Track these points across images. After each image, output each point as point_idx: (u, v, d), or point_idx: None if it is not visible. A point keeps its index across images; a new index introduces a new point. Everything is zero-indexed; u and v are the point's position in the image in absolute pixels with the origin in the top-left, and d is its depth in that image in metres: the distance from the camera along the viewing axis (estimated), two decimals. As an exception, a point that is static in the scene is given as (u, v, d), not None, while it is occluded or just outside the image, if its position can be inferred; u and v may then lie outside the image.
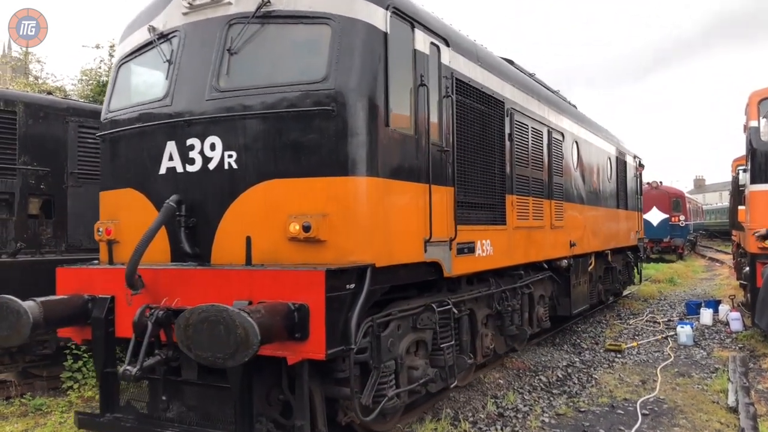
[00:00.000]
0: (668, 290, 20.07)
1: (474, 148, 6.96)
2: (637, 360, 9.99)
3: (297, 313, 4.61)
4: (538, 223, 8.89)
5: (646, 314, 14.87)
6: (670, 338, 11.59)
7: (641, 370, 9.24)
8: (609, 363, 9.78)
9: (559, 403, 7.53)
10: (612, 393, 8.01)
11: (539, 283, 9.50)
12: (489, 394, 7.87)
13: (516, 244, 8.02)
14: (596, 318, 14.29)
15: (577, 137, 11.30)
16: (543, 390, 8.19)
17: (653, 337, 11.84)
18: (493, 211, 7.44)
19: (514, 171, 8.03)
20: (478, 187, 7.03)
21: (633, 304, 16.84)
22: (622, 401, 7.64)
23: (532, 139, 8.81)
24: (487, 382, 8.36)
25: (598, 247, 12.52)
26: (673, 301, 17.28)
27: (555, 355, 10.25)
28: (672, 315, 14.61)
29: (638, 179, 17.58)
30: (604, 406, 7.46)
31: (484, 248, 7.06)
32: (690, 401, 7.58)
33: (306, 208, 5.06)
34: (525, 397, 7.82)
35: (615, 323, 13.75)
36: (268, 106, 5.19)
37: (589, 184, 11.87)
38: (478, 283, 7.58)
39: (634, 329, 12.92)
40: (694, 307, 14.26)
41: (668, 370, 9.24)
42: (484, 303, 7.68)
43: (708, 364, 9.54)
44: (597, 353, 10.52)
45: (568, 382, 8.57)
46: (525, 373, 8.98)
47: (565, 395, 7.94)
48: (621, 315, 15.01)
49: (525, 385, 8.41)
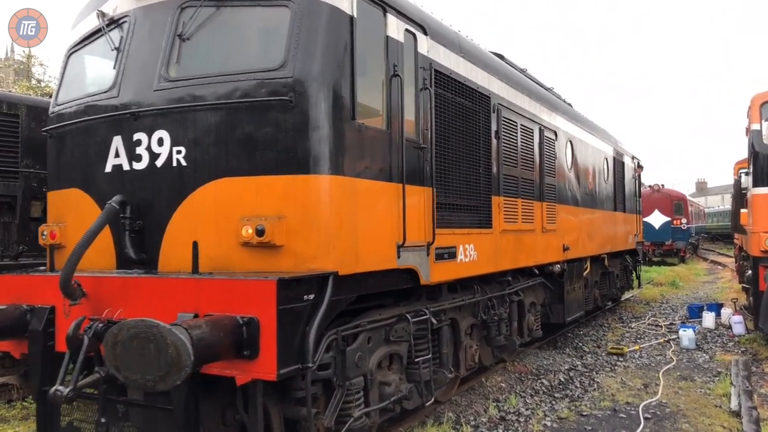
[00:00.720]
0: (670, 293, 19.95)
1: (456, 146, 6.41)
2: (639, 363, 9.83)
3: (245, 327, 4.07)
4: (528, 226, 8.33)
5: (648, 317, 14.67)
6: (673, 342, 11.44)
7: (643, 374, 9.10)
8: (611, 366, 9.65)
9: (561, 407, 7.44)
10: (614, 397, 7.90)
11: (530, 289, 8.94)
12: (491, 397, 7.78)
13: (503, 248, 7.47)
14: (598, 321, 14.09)
15: (571, 136, 10.72)
16: (545, 394, 8.09)
17: (655, 341, 11.67)
18: (478, 214, 6.89)
19: (501, 171, 7.47)
20: (461, 187, 6.48)
21: (635, 307, 16.61)
22: (625, 405, 7.54)
23: (521, 138, 8.25)
24: (489, 386, 8.26)
25: (594, 251, 11.94)
26: (675, 305, 17.06)
27: (557, 359, 10.10)
28: (674, 318, 14.43)
29: (637, 181, 16.94)
30: (606, 409, 7.35)
31: (467, 253, 6.51)
32: (693, 405, 7.47)
33: (261, 209, 4.53)
34: (527, 400, 7.74)
35: (617, 326, 13.55)
36: (219, 97, 4.65)
37: (584, 186, 11.30)
38: (462, 290, 7.04)
39: (636, 332, 12.75)
40: (697, 310, 14.08)
41: (671, 373, 9.10)
42: (468, 312, 7.13)
43: (710, 368, 9.39)
44: (599, 357, 10.39)
45: (570, 386, 8.47)
46: (527, 376, 8.89)
47: (567, 399, 7.84)
48: (623, 318, 14.77)
49: (527, 388, 8.31)
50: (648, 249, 31.73)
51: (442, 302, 6.39)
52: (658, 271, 27.02)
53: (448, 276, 6.20)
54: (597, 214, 12.13)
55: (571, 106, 12.23)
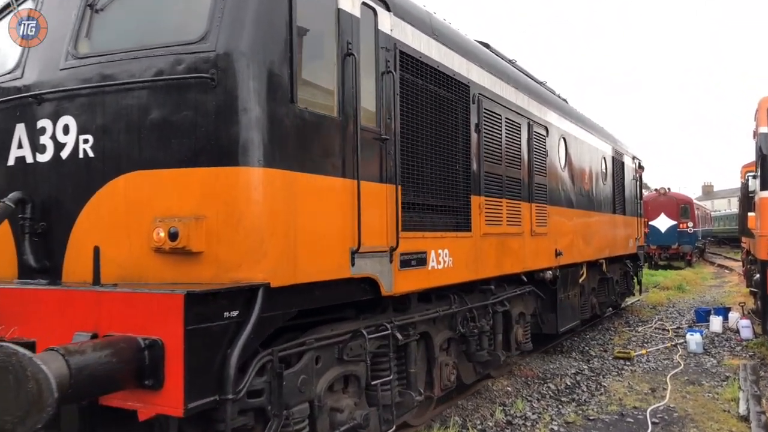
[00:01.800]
0: (677, 297, 19.72)
1: (427, 139, 5.63)
2: (646, 368, 9.61)
3: (148, 352, 3.32)
4: (515, 229, 7.51)
5: (654, 322, 14.34)
6: (680, 346, 11.16)
7: (651, 378, 8.92)
8: (618, 371, 9.46)
9: (568, 411, 7.29)
10: (621, 401, 7.75)
11: (518, 299, 8.14)
12: (497, 401, 7.63)
13: (485, 253, 6.66)
14: (604, 325, 13.78)
15: (565, 133, 9.88)
16: (552, 398, 7.92)
17: (662, 345, 11.42)
18: (455, 215, 6.10)
19: (482, 168, 6.67)
20: (434, 186, 5.70)
21: (641, 311, 16.30)
22: (632, 409, 7.39)
23: (507, 132, 7.44)
24: (495, 390, 8.08)
25: (591, 256, 11.05)
26: (681, 309, 16.63)
27: (563, 363, 9.90)
28: (681, 322, 14.11)
29: (638, 182, 16.02)
30: (613, 414, 7.21)
31: (440, 259, 5.72)
32: (701, 410, 7.34)
33: (177, 209, 3.78)
34: (533, 404, 7.58)
35: (624, 331, 13.25)
36: (132, 76, 3.90)
37: (579, 186, 10.42)
38: (437, 300, 6.25)
39: (642, 337, 12.47)
40: (704, 314, 13.77)
41: (678, 378, 8.92)
42: (444, 324, 6.34)
43: (718, 372, 9.19)
44: (606, 361, 10.16)
45: (576, 390, 8.30)
46: (533, 380, 8.74)
47: (573, 403, 7.68)
48: (629, 322, 14.42)
49: (533, 392, 8.14)
50: (654, 253, 31.51)
51: (410, 314, 5.61)
52: (665, 275, 26.55)
53: (416, 285, 5.42)
54: (594, 217, 11.29)
55: (566, 102, 11.43)
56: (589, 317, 11.71)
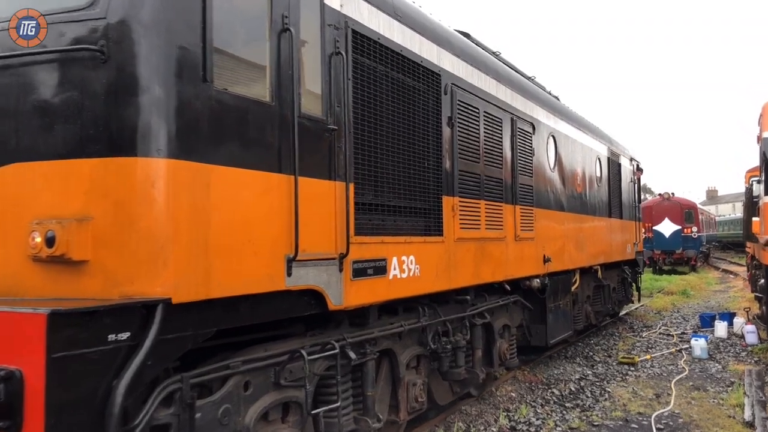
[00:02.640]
0: (681, 302, 19.39)
1: (388, 132, 4.95)
2: (650, 373, 9.49)
3: (4, 385, 2.65)
4: (495, 233, 6.79)
5: (659, 327, 14.14)
6: (684, 351, 10.99)
7: (655, 384, 8.81)
8: (622, 376, 9.35)
9: (572, 417, 7.20)
10: (626, 407, 7.65)
11: (501, 309, 7.43)
12: (501, 407, 7.53)
13: (460, 260, 5.96)
14: (609, 330, 13.57)
15: (554, 131, 9.15)
16: (556, 403, 7.84)
17: (667, 350, 11.24)
18: (423, 218, 5.41)
19: (456, 166, 5.98)
20: (396, 184, 5.01)
21: (646, 316, 15.99)
22: (636, 415, 7.30)
23: (486, 128, 6.74)
24: (500, 395, 7.95)
25: (585, 262, 10.25)
26: (686, 314, 16.33)
27: (567, 368, 9.78)
28: (686, 328, 13.87)
29: (636, 185, 15.23)
30: (617, 420, 7.10)
31: (405, 267, 5.02)
32: (706, 415, 7.23)
33: (59, 208, 3.11)
34: (537, 410, 7.49)
35: (628, 336, 13.06)
36: (7, 49, 3.25)
37: (571, 188, 9.67)
38: (405, 313, 5.56)
39: (647, 342, 12.28)
40: (708, 319, 13.58)
41: (683, 383, 8.81)
42: (412, 340, 5.64)
43: (723, 378, 9.05)
44: (610, 366, 10.03)
45: (581, 396, 8.21)
46: (537, 386, 8.62)
47: (578, 409, 7.61)
48: (634, 327, 14.18)
49: (537, 398, 8.05)
50: (658, 258, 31.17)
51: (369, 330, 4.90)
52: (669, 280, 26.29)
53: (373, 297, 4.71)
54: (587, 221, 10.51)
55: (558, 99, 10.69)
56: (583, 327, 11.05)
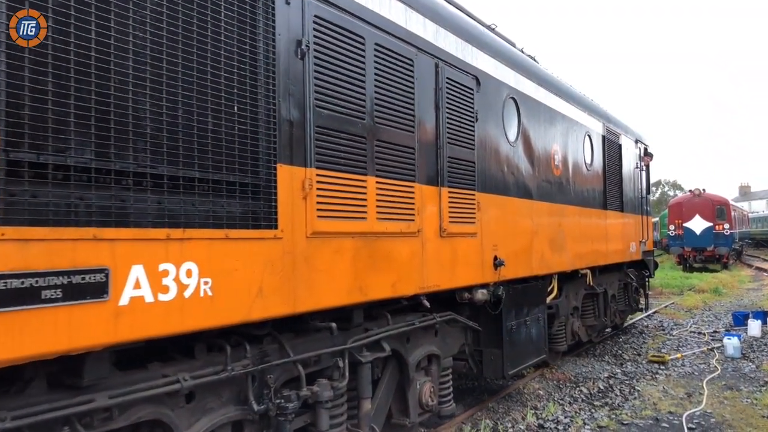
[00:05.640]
0: (713, 301, 19.02)
1: (118, 44, 2.74)
2: (681, 372, 9.31)
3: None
4: (398, 226, 4.73)
5: (689, 325, 13.94)
6: (717, 350, 10.79)
7: (686, 383, 8.62)
8: (652, 375, 9.19)
9: (601, 415, 7.10)
10: (656, 405, 7.48)
11: (424, 334, 5.42)
12: (529, 405, 7.46)
13: (320, 267, 3.90)
14: (638, 329, 13.39)
15: (517, 93, 7.00)
16: (584, 401, 7.74)
17: (698, 349, 11.04)
18: (227, 197, 3.27)
19: (311, 119, 3.86)
20: (143, 136, 2.84)
21: (676, 314, 15.87)
22: (667, 414, 7.12)
23: (380, 68, 4.57)
24: (527, 393, 7.91)
25: (566, 265, 8.16)
26: (718, 312, 16.19)
27: (596, 366, 9.67)
28: (718, 326, 13.64)
29: (643, 172, 12.75)
30: (647, 419, 6.94)
31: (167, 284, 2.89)
32: (739, 416, 7.04)
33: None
34: (565, 408, 7.40)
35: (658, 334, 12.90)
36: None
37: (544, 171, 7.62)
38: (212, 353, 3.53)
39: (678, 340, 12.09)
40: (741, 318, 13.27)
41: (715, 383, 8.60)
42: (217, 400, 3.49)
43: (757, 378, 8.85)
44: (639, 365, 9.87)
45: (609, 394, 8.08)
46: (565, 384, 8.53)
47: (607, 407, 7.48)
48: (664, 326, 14.06)
49: (565, 396, 7.96)
50: (689, 255, 30.85)
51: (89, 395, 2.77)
52: (700, 277, 26.05)
53: (60, 344, 2.48)
54: (570, 214, 8.35)
55: (536, 62, 8.41)
56: (567, 348, 9.11)
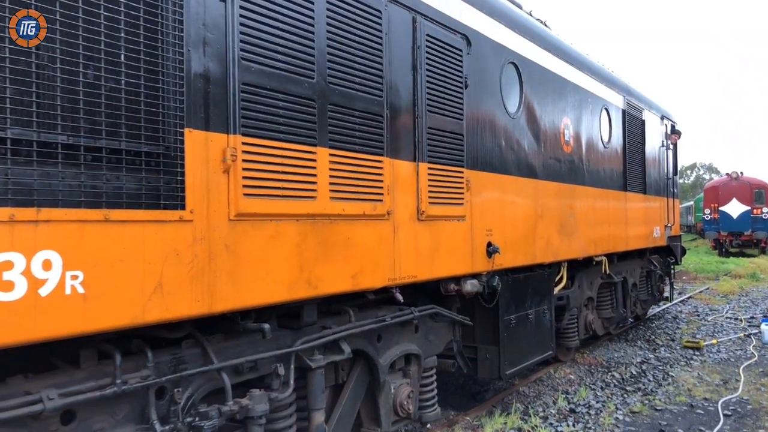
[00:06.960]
0: (750, 286, 18.69)
1: None
2: (717, 358, 9.12)
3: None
4: (360, 207, 4.05)
5: (725, 311, 13.64)
6: (754, 336, 10.59)
7: (722, 369, 8.47)
8: (686, 360, 9.04)
9: (634, 401, 7.03)
10: (690, 392, 7.37)
11: (400, 331, 4.78)
12: (560, 389, 7.42)
13: (250, 256, 3.25)
14: (672, 314, 13.20)
15: (518, 57, 6.23)
16: (616, 387, 7.66)
17: (734, 335, 10.82)
18: (112, 168, 2.68)
19: (236, 72, 3.18)
20: None
21: (712, 300, 15.56)
22: (702, 401, 7.02)
23: (333, 14, 3.84)
24: (558, 377, 7.85)
25: (578, 252, 7.44)
26: (755, 298, 15.82)
27: (628, 351, 9.57)
28: (755, 312, 13.34)
29: (670, 151, 11.71)
30: (682, 405, 6.87)
31: (13, 283, 2.23)
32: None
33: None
34: (597, 393, 7.33)
35: (692, 319, 12.65)
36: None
37: (552, 147, 6.85)
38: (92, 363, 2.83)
39: (713, 326, 11.81)
40: None
41: (752, 369, 8.43)
42: (113, 417, 2.83)
43: None
44: (673, 350, 9.74)
45: (642, 380, 7.99)
46: (597, 368, 8.44)
47: (639, 392, 7.38)
48: (699, 311, 13.81)
49: (597, 381, 7.88)
50: (725, 240, 30.23)
51: None
52: (737, 262, 25.53)
53: None
54: (583, 196, 7.59)
55: (546, 26, 7.55)
56: (579, 344, 8.47)
